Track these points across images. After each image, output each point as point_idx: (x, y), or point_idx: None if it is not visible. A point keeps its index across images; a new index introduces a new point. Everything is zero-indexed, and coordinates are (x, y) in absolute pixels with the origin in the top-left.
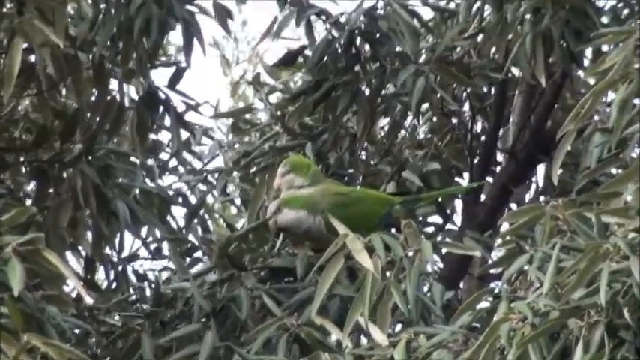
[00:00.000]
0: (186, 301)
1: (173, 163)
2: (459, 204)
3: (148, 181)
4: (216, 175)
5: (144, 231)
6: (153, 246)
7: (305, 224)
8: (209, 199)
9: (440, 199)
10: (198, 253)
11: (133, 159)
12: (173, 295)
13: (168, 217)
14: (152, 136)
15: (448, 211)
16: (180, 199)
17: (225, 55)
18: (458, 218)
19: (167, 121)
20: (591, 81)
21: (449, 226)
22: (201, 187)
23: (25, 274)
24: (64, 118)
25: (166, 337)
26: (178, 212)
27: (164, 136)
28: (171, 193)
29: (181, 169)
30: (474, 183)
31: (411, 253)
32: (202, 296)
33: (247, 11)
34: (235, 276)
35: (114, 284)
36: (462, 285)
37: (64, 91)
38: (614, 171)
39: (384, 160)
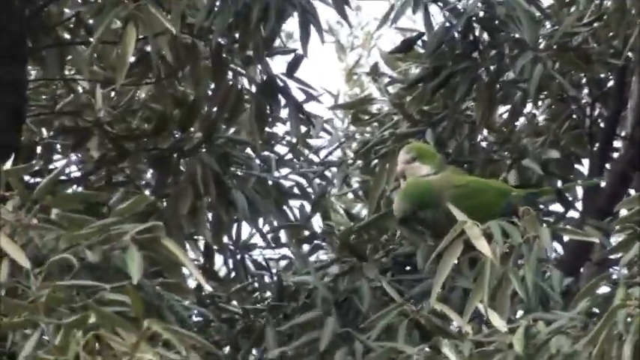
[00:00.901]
0: (308, 293)
1: (289, 156)
2: (579, 190)
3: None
4: (335, 167)
5: (261, 221)
6: (270, 235)
7: (430, 219)
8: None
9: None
10: (318, 241)
11: (249, 151)
12: (296, 287)
13: (286, 209)
14: (267, 129)
15: (569, 198)
16: (297, 191)
17: (340, 41)
18: (578, 205)
19: (283, 113)
20: None
21: (570, 213)
22: (318, 180)
23: (143, 262)
24: (182, 107)
25: (288, 323)
26: (295, 205)
27: (280, 129)
28: (287, 185)
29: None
30: (598, 178)
31: (529, 240)
32: (325, 288)
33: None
34: (357, 267)
35: (232, 273)
36: (582, 271)
37: (182, 80)
38: None
39: (503, 148)
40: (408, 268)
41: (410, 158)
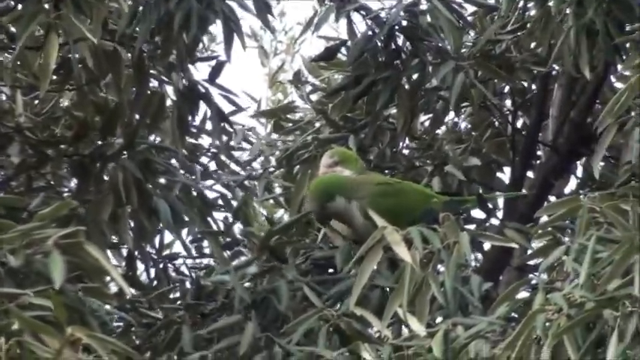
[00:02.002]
0: (226, 293)
1: (213, 167)
2: (500, 198)
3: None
4: (258, 176)
5: (185, 231)
6: (193, 245)
7: (342, 211)
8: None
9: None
10: (240, 248)
11: (174, 161)
12: (214, 287)
13: (210, 220)
14: (192, 141)
15: (490, 205)
16: (221, 202)
17: (264, 47)
18: (499, 212)
19: (208, 125)
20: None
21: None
22: (239, 191)
23: (65, 267)
24: (104, 113)
25: (207, 328)
26: (219, 217)
27: (205, 141)
28: (211, 196)
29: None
30: (523, 192)
31: (449, 245)
32: (243, 288)
33: (285, 2)
34: (276, 268)
35: (155, 282)
36: (502, 277)
37: (104, 86)
38: None
39: (425, 155)
40: (329, 271)
41: (332, 162)
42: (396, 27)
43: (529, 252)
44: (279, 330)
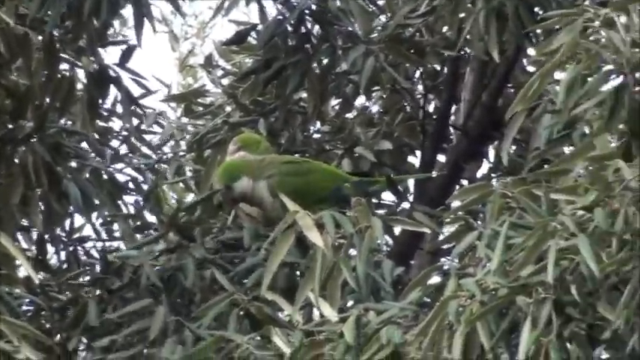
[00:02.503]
0: (134, 270)
1: (124, 150)
2: (410, 181)
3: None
4: (168, 160)
5: (94, 215)
6: (104, 228)
7: (249, 191)
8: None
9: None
10: (151, 231)
11: (84, 145)
12: (121, 264)
13: (120, 203)
14: (103, 124)
15: (400, 188)
16: (131, 185)
17: (174, 31)
18: (409, 196)
19: (118, 108)
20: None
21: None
22: (150, 175)
23: None
24: (15, 96)
25: (117, 312)
26: (129, 200)
27: (116, 124)
28: (122, 179)
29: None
30: (433, 173)
31: (361, 230)
32: (150, 265)
33: None
34: (184, 246)
35: (65, 265)
36: (413, 261)
37: (14, 70)
38: (563, 150)
39: (335, 138)
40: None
41: (235, 149)
42: (306, 11)
43: (441, 237)
44: (187, 311)
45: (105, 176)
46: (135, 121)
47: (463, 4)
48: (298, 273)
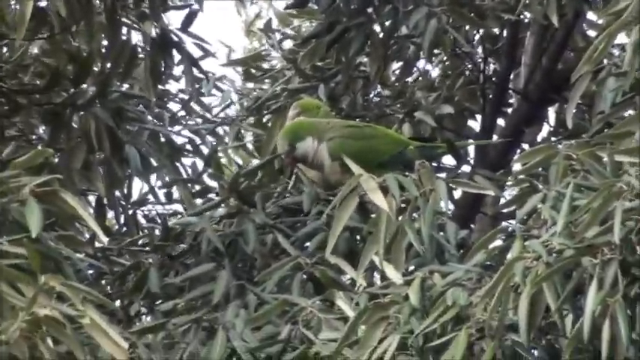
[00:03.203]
0: (195, 236)
1: (182, 113)
2: (471, 145)
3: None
4: (228, 124)
5: (153, 178)
6: (163, 191)
7: (311, 152)
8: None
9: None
10: (212, 197)
11: (141, 107)
12: (181, 230)
13: (179, 165)
14: (160, 87)
15: (461, 153)
16: (190, 147)
17: None
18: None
19: (176, 70)
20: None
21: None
22: (210, 138)
23: (42, 215)
24: (76, 62)
25: (180, 276)
26: (187, 162)
27: (173, 87)
28: (180, 142)
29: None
30: (494, 139)
31: (425, 193)
32: (212, 230)
33: None
34: (244, 211)
35: (124, 228)
36: (474, 225)
37: (76, 35)
38: (628, 114)
39: (396, 102)
40: (298, 215)
41: (295, 113)
42: None
43: (502, 200)
44: (249, 275)
45: (163, 139)
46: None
47: None
48: (359, 238)
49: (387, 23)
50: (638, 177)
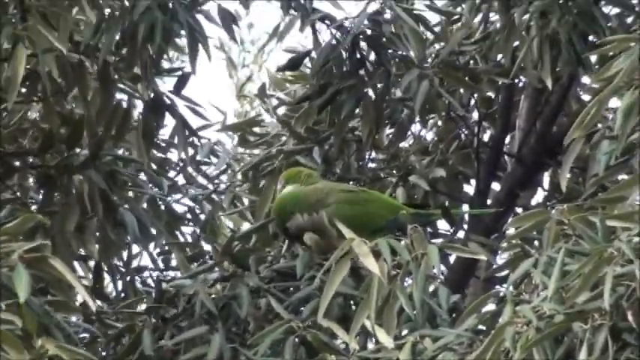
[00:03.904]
0: (188, 298)
1: (182, 181)
2: (465, 208)
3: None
4: (225, 189)
5: (152, 245)
6: (160, 258)
7: (307, 225)
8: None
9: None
10: (207, 259)
11: (142, 177)
12: (175, 292)
13: (178, 234)
14: (161, 155)
15: (455, 218)
16: (189, 216)
17: (232, 57)
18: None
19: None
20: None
21: (453, 229)
22: (206, 205)
23: (31, 280)
24: (70, 124)
25: (174, 339)
26: (187, 230)
27: (174, 155)
28: (180, 210)
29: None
30: (489, 209)
31: (417, 257)
32: (205, 293)
33: (254, 13)
34: (238, 275)
35: (122, 295)
36: (468, 289)
37: (70, 98)
38: (621, 177)
39: (390, 166)
40: (290, 279)
41: (281, 187)
42: (360, 36)
43: (495, 265)
44: (242, 339)
45: (162, 207)
46: (191, 152)
47: (517, 32)
48: (352, 303)
49: (379, 86)
50: (630, 243)
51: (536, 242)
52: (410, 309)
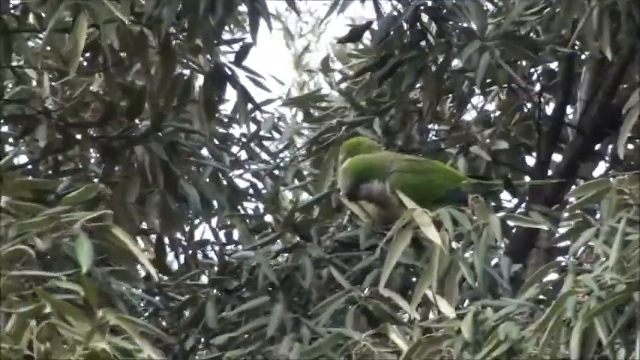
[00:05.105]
0: (251, 270)
1: (244, 156)
2: (526, 179)
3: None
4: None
5: (214, 220)
6: (222, 232)
7: (375, 192)
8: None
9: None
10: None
11: (205, 152)
12: (238, 264)
13: (240, 209)
14: (223, 130)
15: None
16: (251, 191)
17: (288, 28)
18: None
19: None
20: None
21: (516, 200)
22: (269, 180)
23: (93, 250)
24: (131, 96)
25: (234, 310)
26: (249, 206)
27: (236, 131)
28: (242, 185)
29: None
30: (550, 180)
31: (478, 227)
32: (268, 265)
33: None
34: (300, 246)
35: (184, 268)
36: (530, 259)
37: (132, 69)
38: None
39: (451, 138)
40: (353, 250)
41: (342, 158)
42: (421, 7)
43: (557, 235)
44: (304, 309)
45: (225, 182)
46: (253, 127)
47: (577, 3)
48: (414, 273)
49: (440, 57)
50: None
51: (597, 213)
52: (471, 279)
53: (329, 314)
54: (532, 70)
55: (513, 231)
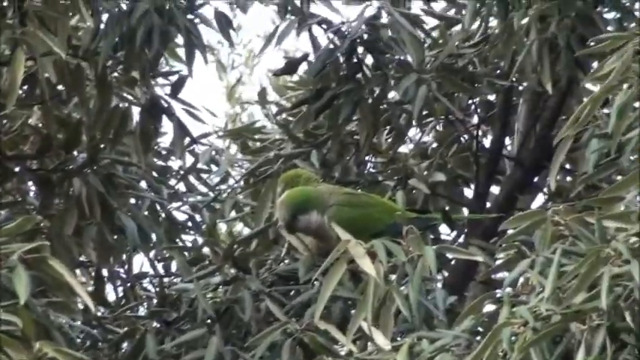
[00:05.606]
0: (190, 302)
1: (182, 189)
2: (465, 211)
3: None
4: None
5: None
6: (161, 264)
7: (313, 224)
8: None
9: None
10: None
11: (143, 185)
12: (177, 296)
13: (178, 242)
14: (161, 163)
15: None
16: (190, 223)
17: (221, 60)
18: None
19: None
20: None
21: (454, 233)
22: (206, 212)
23: (30, 282)
24: (68, 128)
25: (172, 342)
26: (187, 238)
27: (175, 164)
28: (180, 218)
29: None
30: (493, 214)
31: (413, 259)
32: (205, 298)
33: (241, 14)
34: (239, 279)
35: (123, 301)
36: (468, 292)
37: (70, 102)
38: (613, 176)
39: (389, 170)
40: (291, 282)
41: (280, 190)
42: (358, 40)
43: (494, 266)
44: (243, 341)
45: (162, 214)
46: (191, 160)
47: (516, 35)
48: (353, 306)
49: (377, 90)
50: (626, 243)
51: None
52: (406, 310)
53: (265, 347)
54: (470, 101)
55: (452, 263)
